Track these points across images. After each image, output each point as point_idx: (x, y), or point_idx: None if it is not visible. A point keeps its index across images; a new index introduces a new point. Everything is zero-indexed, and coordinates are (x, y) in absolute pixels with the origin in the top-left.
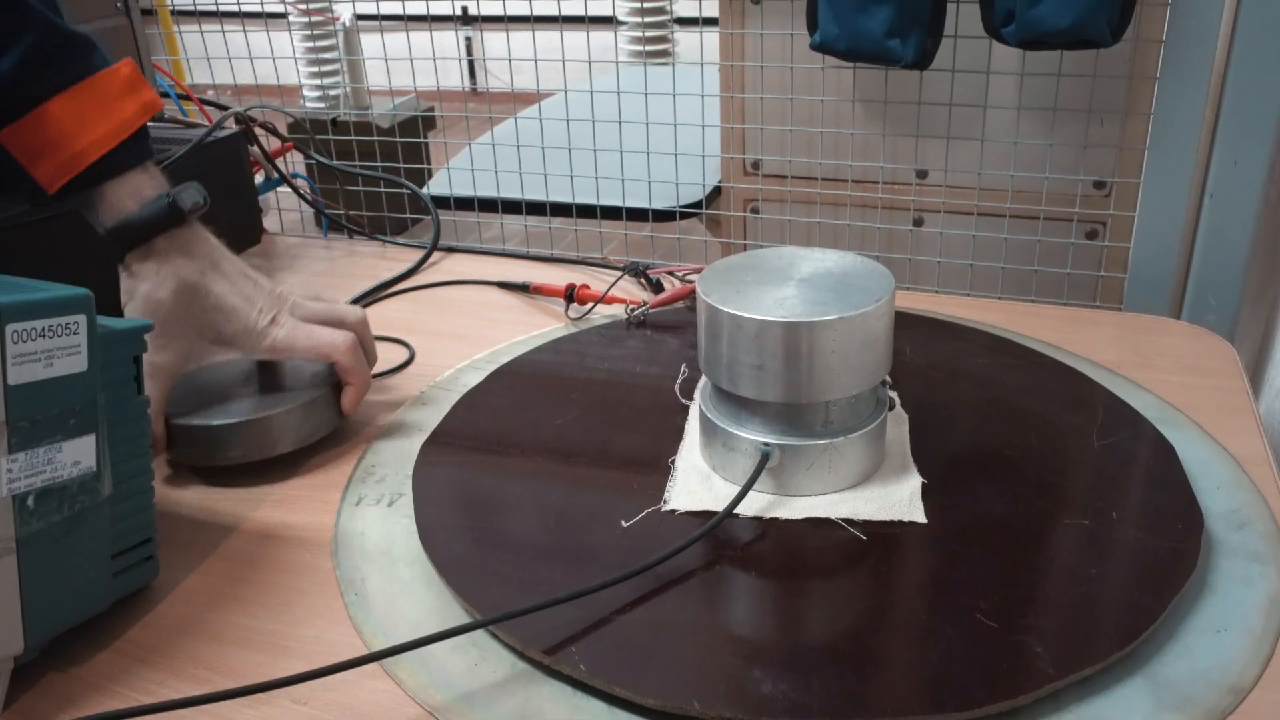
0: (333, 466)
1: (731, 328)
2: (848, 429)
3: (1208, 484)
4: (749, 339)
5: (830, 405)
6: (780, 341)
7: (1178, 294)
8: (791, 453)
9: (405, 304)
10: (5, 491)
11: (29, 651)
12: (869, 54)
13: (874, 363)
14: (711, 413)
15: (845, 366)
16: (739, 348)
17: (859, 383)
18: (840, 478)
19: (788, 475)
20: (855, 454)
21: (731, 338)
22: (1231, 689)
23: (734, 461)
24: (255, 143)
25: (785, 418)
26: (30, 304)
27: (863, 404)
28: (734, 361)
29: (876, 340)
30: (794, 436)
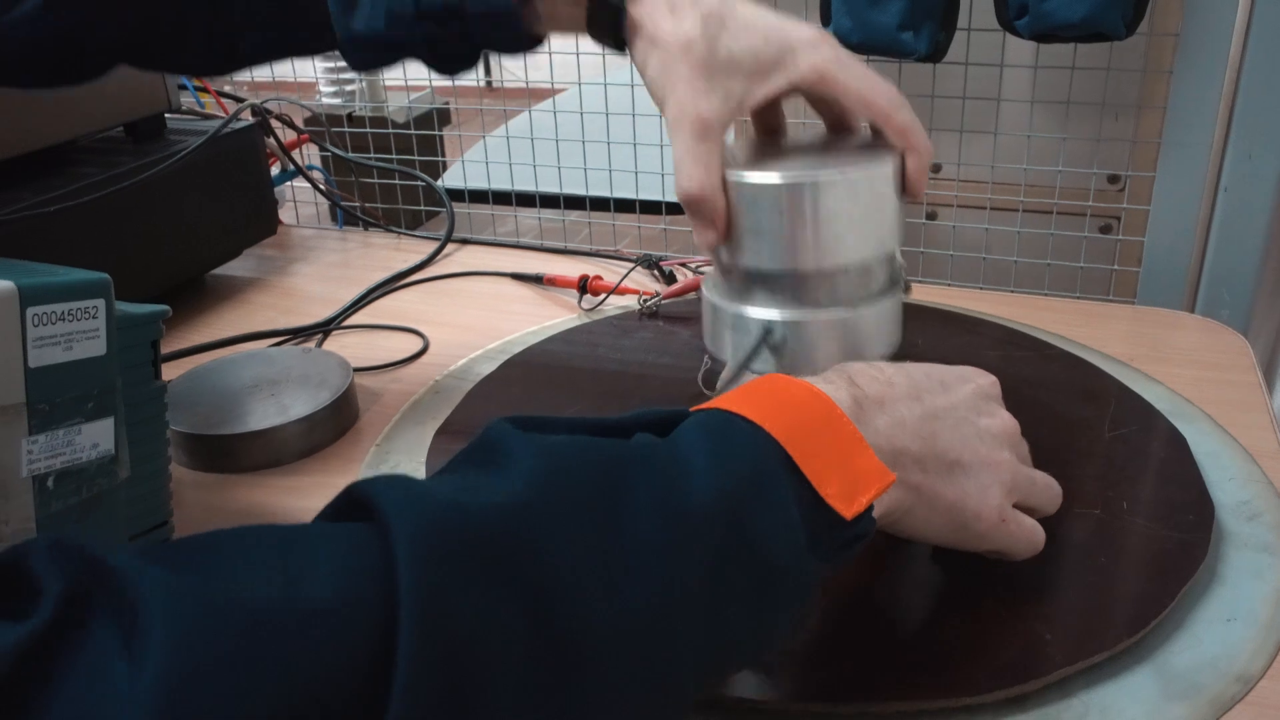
0: (346, 454)
1: (732, 193)
2: (856, 302)
3: (1219, 476)
4: (748, 203)
5: (836, 276)
6: (780, 203)
7: (1191, 288)
8: (796, 328)
9: (419, 295)
10: (26, 472)
11: None
12: (882, 47)
13: (880, 229)
14: (714, 295)
15: (849, 230)
16: (738, 213)
17: (864, 248)
18: (849, 354)
19: (793, 353)
20: (865, 329)
21: (732, 204)
22: (1239, 678)
23: (739, 345)
24: (271, 135)
25: (790, 291)
26: (50, 287)
27: (872, 278)
28: (734, 229)
29: (882, 204)
30: (798, 310)
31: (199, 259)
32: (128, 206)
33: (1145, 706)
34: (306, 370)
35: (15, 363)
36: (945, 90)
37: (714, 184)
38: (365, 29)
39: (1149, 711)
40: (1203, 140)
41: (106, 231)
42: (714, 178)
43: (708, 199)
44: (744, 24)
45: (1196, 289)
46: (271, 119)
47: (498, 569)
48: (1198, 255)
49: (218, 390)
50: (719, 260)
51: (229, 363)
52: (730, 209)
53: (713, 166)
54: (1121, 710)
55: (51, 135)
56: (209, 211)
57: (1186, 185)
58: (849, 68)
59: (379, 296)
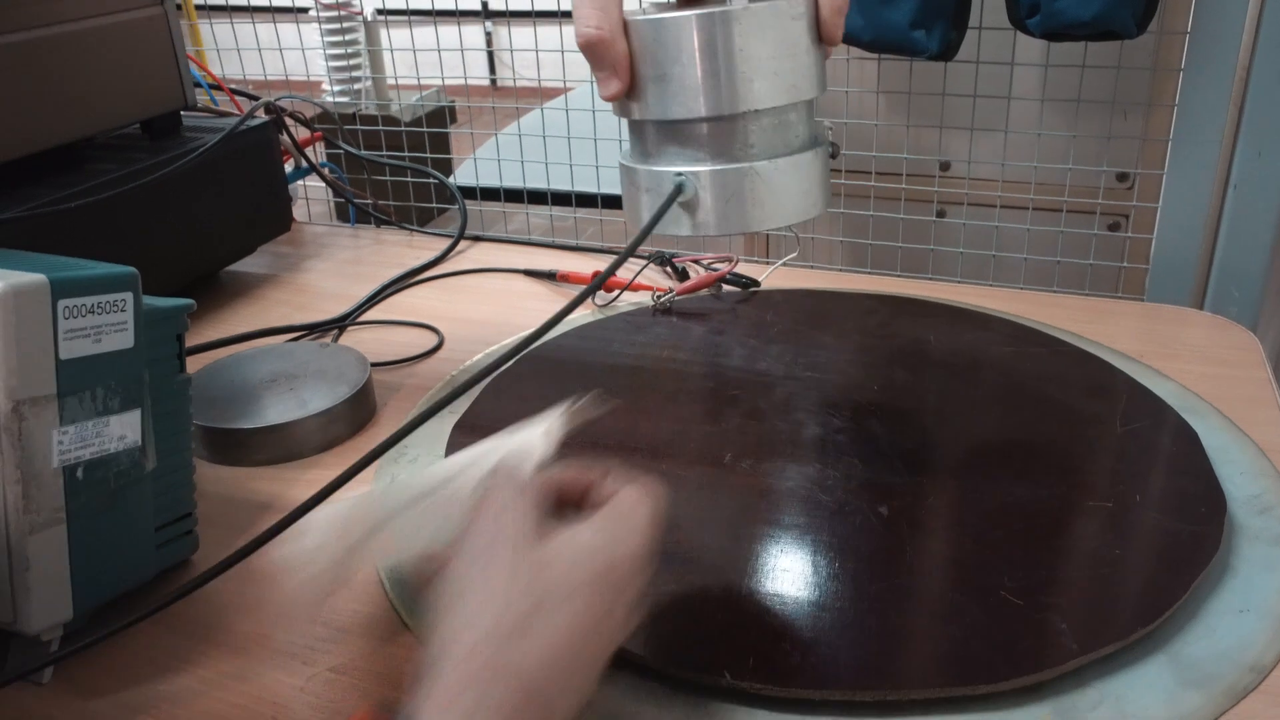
0: (364, 448)
1: (633, 38)
2: (772, 153)
3: (1230, 470)
4: (649, 44)
5: (748, 122)
6: (682, 41)
7: (1200, 285)
8: (710, 179)
9: (433, 291)
10: (56, 463)
11: (76, 619)
12: (893, 45)
13: (793, 73)
14: (627, 159)
15: (757, 70)
16: (640, 58)
17: (775, 93)
18: (768, 213)
19: (707, 209)
20: (781, 184)
21: (634, 49)
22: (1253, 667)
23: (653, 206)
24: (286, 131)
25: (702, 143)
26: (80, 280)
27: (790, 131)
28: (637, 77)
29: (793, 44)
30: (711, 162)
31: (215, 255)
32: (146, 203)
33: (1160, 695)
34: (324, 365)
35: (47, 354)
36: (955, 88)
37: (613, 25)
38: None
39: (1164, 700)
40: (1212, 138)
41: (125, 227)
42: (613, 19)
43: (608, 43)
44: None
45: (1205, 286)
46: (285, 116)
47: None
48: (1206, 252)
49: (235, 384)
50: (628, 116)
51: (246, 357)
52: (632, 54)
53: (611, 8)
54: (1136, 699)
55: (69, 132)
56: (225, 208)
57: (1196, 183)
58: None
59: (393, 292)
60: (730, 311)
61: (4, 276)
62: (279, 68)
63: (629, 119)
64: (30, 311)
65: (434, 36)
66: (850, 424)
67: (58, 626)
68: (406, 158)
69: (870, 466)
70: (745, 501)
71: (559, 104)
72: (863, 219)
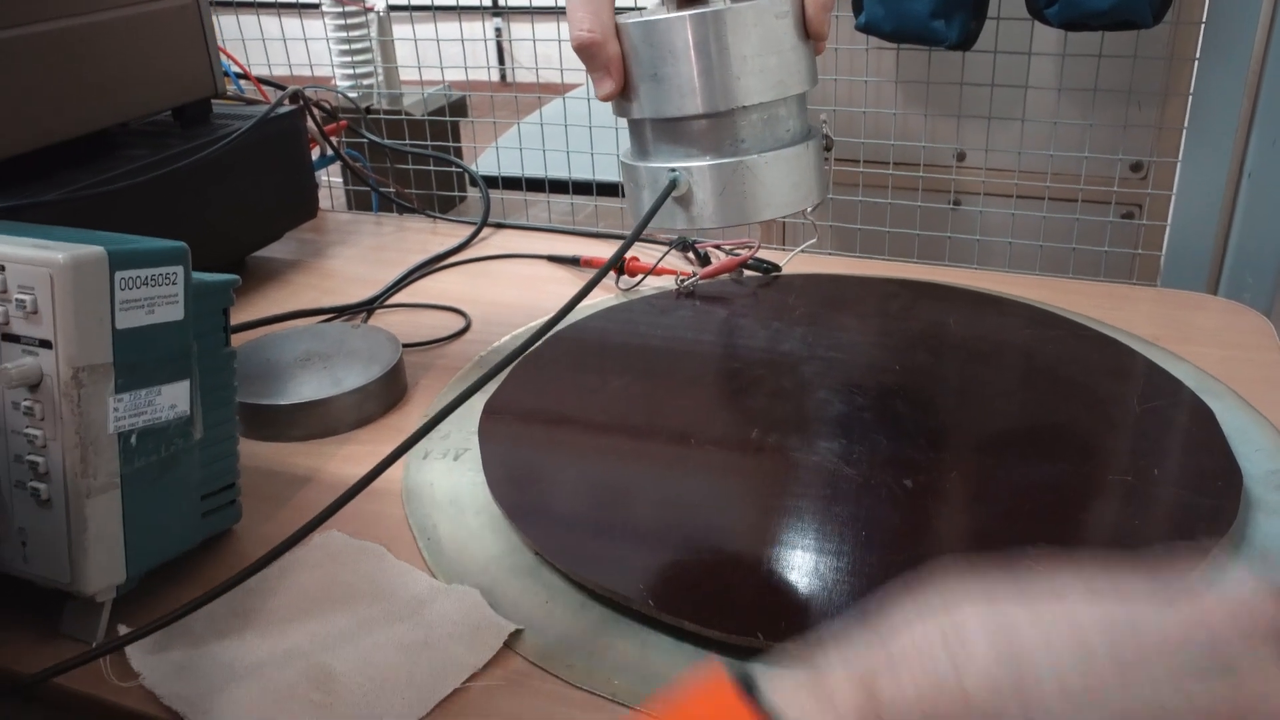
0: (396, 425)
1: (625, 40)
2: (762, 148)
3: (1246, 448)
4: (640, 45)
5: (738, 119)
6: (671, 41)
7: (1215, 272)
8: (702, 174)
9: (459, 276)
10: (112, 429)
11: (129, 582)
12: (914, 35)
13: (781, 68)
14: (626, 157)
15: (745, 67)
16: (632, 58)
17: (763, 89)
18: (760, 205)
19: (701, 203)
20: (774, 178)
21: (626, 51)
22: None
23: (651, 201)
24: (313, 119)
25: (695, 140)
26: (135, 253)
27: (781, 125)
28: (630, 77)
29: (780, 40)
30: (703, 158)
31: (244, 240)
32: (182, 187)
33: None
34: (356, 345)
35: (104, 324)
36: (973, 78)
37: (605, 28)
38: None
39: None
40: (1227, 126)
41: (160, 211)
42: (605, 22)
43: (599, 43)
44: None
45: (1220, 272)
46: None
47: None
48: (1221, 239)
49: (271, 363)
50: (626, 116)
51: (280, 337)
52: (625, 55)
53: (603, 12)
54: None
55: (105, 117)
56: (255, 193)
57: (1211, 171)
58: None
59: (419, 277)
60: (752, 296)
61: (65, 248)
62: (286, 60)
63: (626, 118)
64: (90, 282)
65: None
66: (874, 403)
67: (111, 588)
68: (430, 146)
69: (894, 443)
70: (773, 475)
71: (580, 94)
72: (880, 207)
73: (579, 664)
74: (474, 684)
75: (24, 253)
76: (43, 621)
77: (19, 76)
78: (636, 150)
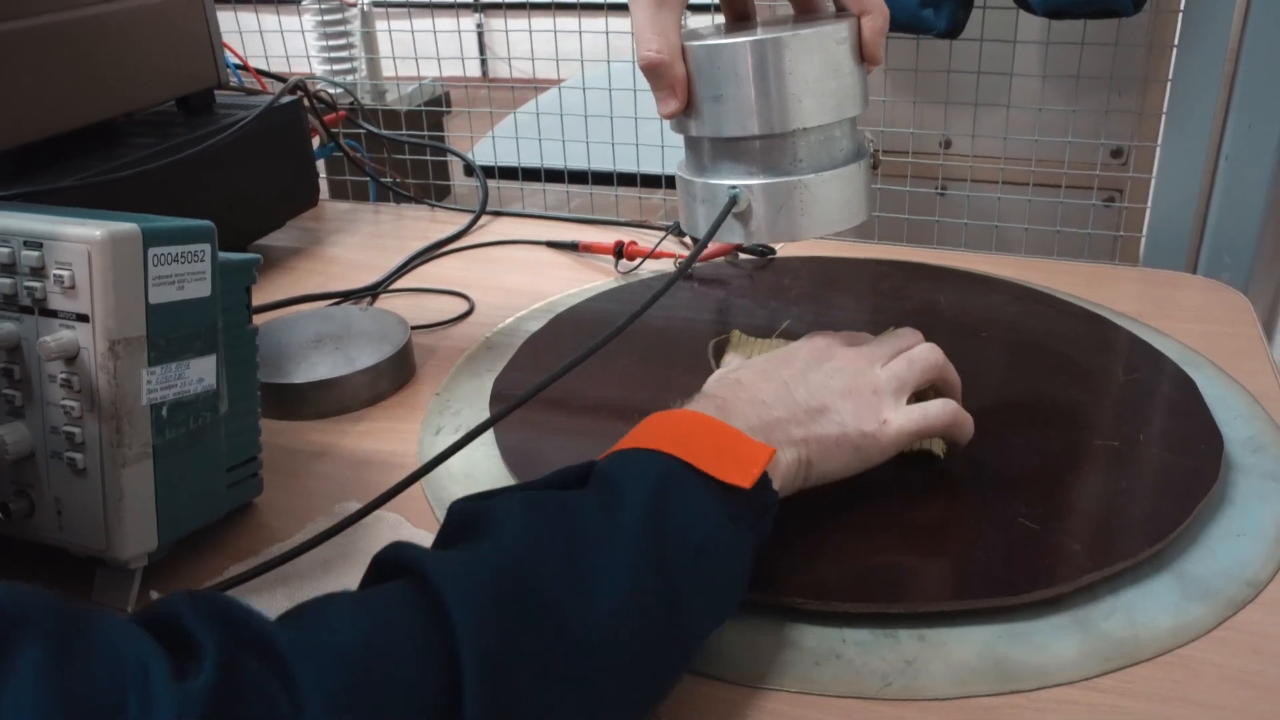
0: (409, 402)
1: (691, 61)
2: (818, 167)
3: (1226, 415)
4: (706, 67)
5: (797, 139)
6: (736, 65)
7: (1193, 253)
8: (760, 192)
9: (460, 262)
10: (145, 401)
11: (160, 550)
12: (903, 24)
13: (838, 92)
14: (684, 171)
15: (806, 91)
16: (697, 79)
17: (823, 111)
18: (815, 222)
19: (761, 221)
20: (829, 196)
21: (691, 71)
22: (1250, 582)
23: (709, 216)
24: (313, 110)
25: (754, 158)
26: (167, 230)
27: (835, 146)
28: (694, 97)
29: (838, 65)
30: (763, 176)
31: (248, 228)
32: (189, 174)
33: (1167, 607)
34: (366, 326)
35: (138, 299)
36: (959, 66)
37: (673, 49)
38: None
39: (1170, 611)
40: (1205, 111)
41: (168, 198)
42: (672, 44)
43: (667, 64)
44: None
45: (1198, 253)
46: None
47: (523, 605)
48: (1199, 221)
49: (284, 344)
50: (685, 133)
51: (292, 320)
52: (689, 76)
53: (671, 33)
54: (1145, 610)
55: (112, 107)
56: (258, 182)
57: (1189, 155)
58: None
59: (421, 263)
60: (748, 277)
61: (102, 225)
62: (263, 53)
63: (685, 135)
64: (126, 258)
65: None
66: None
67: (143, 556)
68: (427, 136)
69: None
70: None
71: (575, 83)
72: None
73: None
74: None
75: (62, 229)
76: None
77: (29, 66)
78: (694, 165)
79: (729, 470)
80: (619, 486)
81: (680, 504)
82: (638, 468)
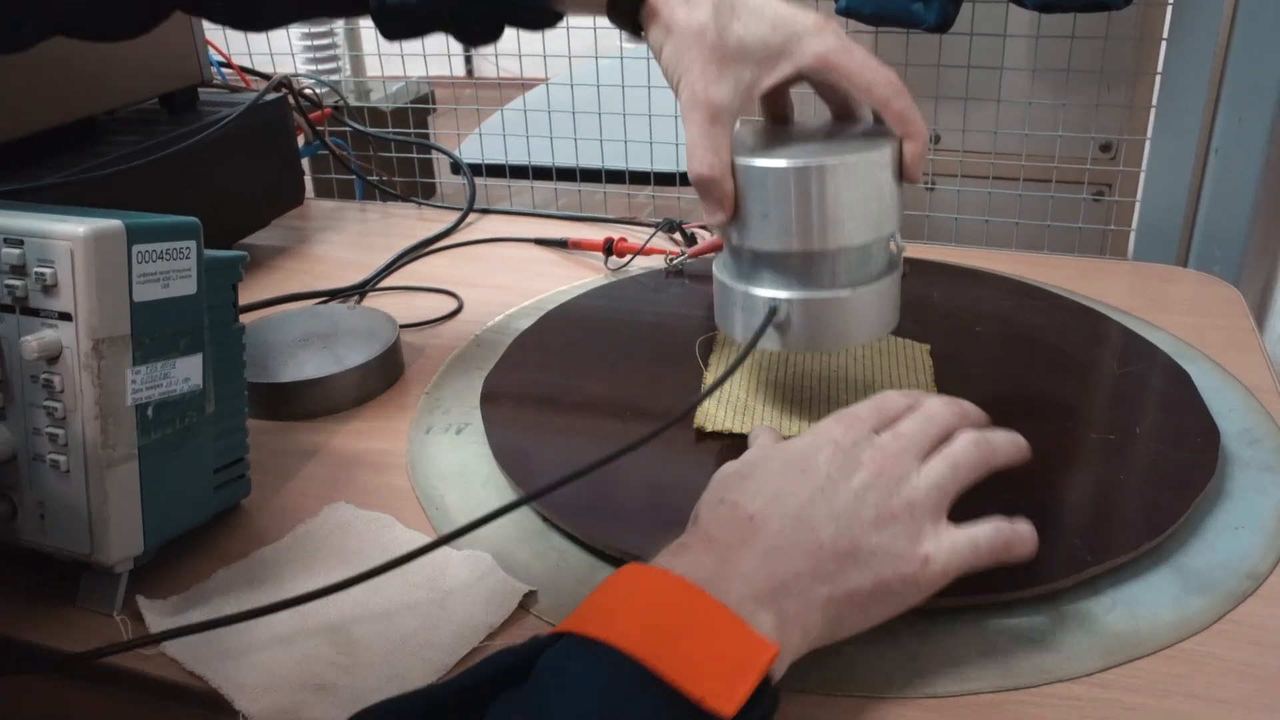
0: (398, 401)
1: (739, 177)
2: (856, 283)
3: (1221, 407)
4: (754, 186)
5: (837, 257)
6: (784, 187)
7: (1184, 247)
8: (799, 307)
9: (448, 260)
10: (130, 400)
11: (146, 553)
12: (894, 18)
13: (880, 212)
14: (724, 275)
15: (849, 213)
16: (746, 195)
17: (865, 231)
18: (850, 334)
19: (797, 332)
20: (865, 310)
21: (739, 186)
22: (1249, 575)
23: (747, 322)
24: (299, 107)
25: (794, 272)
26: (152, 227)
27: (872, 259)
28: (742, 212)
29: (881, 188)
30: (802, 290)
31: (233, 226)
32: (175, 172)
33: (1167, 600)
34: (354, 324)
35: (123, 296)
36: (949, 60)
37: (724, 167)
38: (400, 1)
39: (1171, 604)
40: (1195, 105)
41: (152, 196)
42: (724, 161)
43: (717, 181)
44: (753, 11)
45: (1189, 247)
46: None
47: None
48: (1189, 215)
49: (272, 343)
50: (728, 240)
51: (279, 319)
52: (738, 191)
53: (723, 150)
54: (1146, 603)
55: (95, 104)
56: (243, 180)
57: (1179, 149)
58: (852, 55)
59: (409, 261)
60: None
61: (85, 222)
62: (251, 51)
63: (728, 242)
64: (109, 255)
65: None
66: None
67: (129, 559)
68: (413, 134)
69: None
70: None
71: (562, 79)
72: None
73: None
74: (492, 643)
75: (44, 226)
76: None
77: (10, 63)
78: (733, 268)
79: (707, 681)
80: (549, 710)
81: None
82: (581, 683)
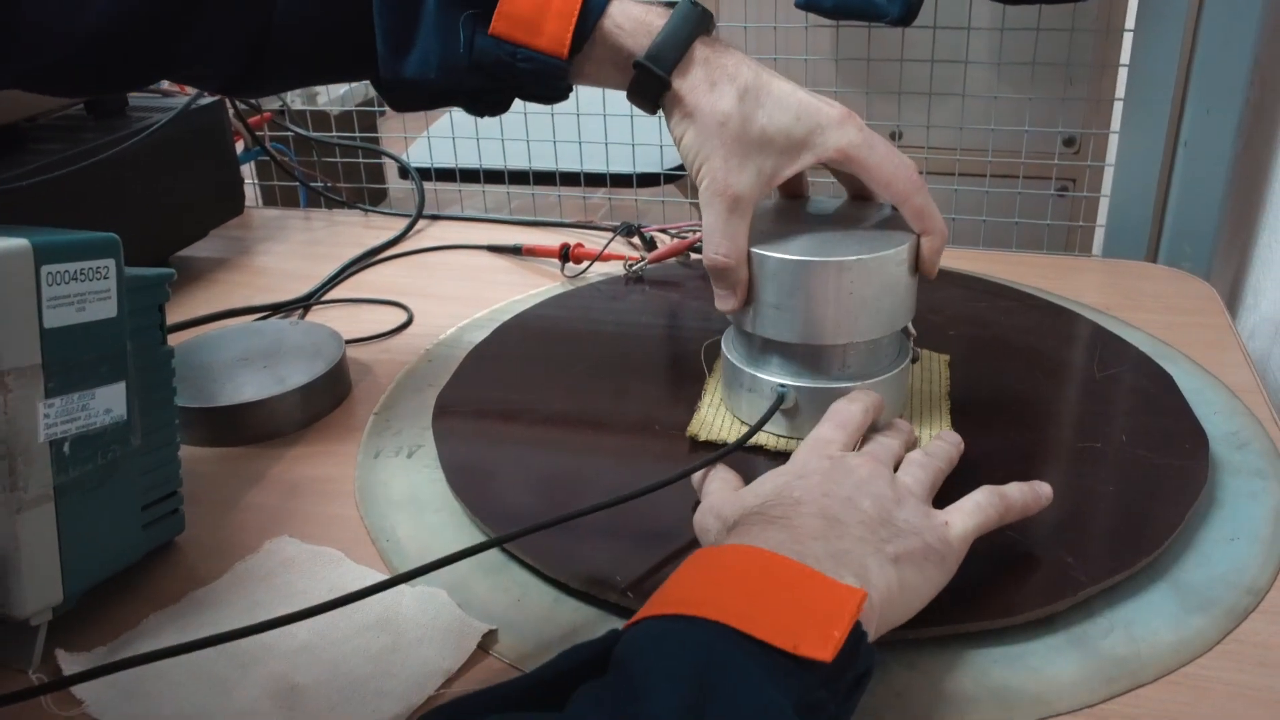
0: (344, 423)
1: (754, 266)
2: (865, 375)
3: (1206, 410)
4: (769, 277)
5: (848, 349)
6: (799, 281)
7: (1153, 242)
8: (807, 395)
9: (396, 269)
10: (43, 437)
11: (66, 602)
12: (855, 11)
13: (892, 308)
14: (733, 355)
15: (863, 309)
16: (760, 286)
17: (876, 327)
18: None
19: (804, 418)
20: None
21: (754, 276)
22: (1249, 590)
23: (754, 404)
24: (236, 112)
25: (804, 360)
26: (63, 245)
27: (882, 351)
28: (756, 301)
29: (896, 285)
30: (811, 379)
31: (167, 239)
32: (99, 182)
33: (1167, 620)
34: (296, 341)
35: (31, 322)
36: (912, 55)
37: (740, 255)
38: (416, 74)
39: (1171, 624)
40: (1162, 97)
41: (76, 208)
42: (740, 249)
43: (733, 269)
44: (777, 101)
45: (1158, 242)
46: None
47: None
48: (1159, 209)
49: (207, 364)
50: (739, 324)
51: (216, 337)
52: (752, 279)
53: (740, 239)
54: (1145, 624)
55: (12, 111)
56: (177, 189)
57: (1147, 142)
58: (874, 149)
59: (355, 271)
60: (703, 277)
61: None
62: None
63: (739, 326)
64: (14, 278)
65: None
66: None
67: (47, 610)
68: (359, 138)
69: None
70: (743, 454)
71: None
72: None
73: None
74: (449, 690)
75: None
76: None
77: None
78: (741, 350)
79: (803, 634)
80: (639, 682)
81: (729, 704)
82: (669, 650)
